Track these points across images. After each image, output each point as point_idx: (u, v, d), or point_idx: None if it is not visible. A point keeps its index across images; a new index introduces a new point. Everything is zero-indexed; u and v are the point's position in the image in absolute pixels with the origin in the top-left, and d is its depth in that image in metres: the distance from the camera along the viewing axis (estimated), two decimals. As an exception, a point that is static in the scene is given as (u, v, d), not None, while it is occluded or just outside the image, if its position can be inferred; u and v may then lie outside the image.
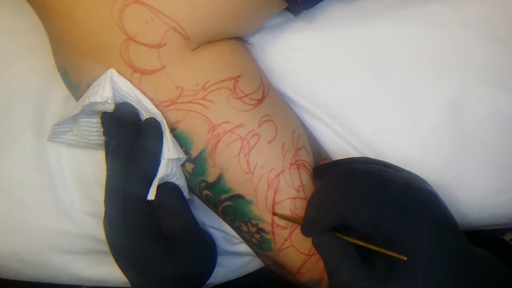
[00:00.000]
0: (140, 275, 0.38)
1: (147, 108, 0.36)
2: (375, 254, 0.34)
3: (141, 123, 0.37)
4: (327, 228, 0.34)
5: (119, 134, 0.36)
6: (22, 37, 0.47)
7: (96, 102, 0.35)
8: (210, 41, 0.37)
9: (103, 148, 0.39)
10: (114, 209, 0.36)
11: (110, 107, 0.36)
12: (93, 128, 0.40)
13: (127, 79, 0.36)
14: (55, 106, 0.46)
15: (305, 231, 0.36)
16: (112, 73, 0.35)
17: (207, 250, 0.41)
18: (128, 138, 0.37)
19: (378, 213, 0.33)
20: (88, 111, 0.37)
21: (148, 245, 0.36)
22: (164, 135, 0.36)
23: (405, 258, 0.32)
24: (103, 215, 0.38)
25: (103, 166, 0.39)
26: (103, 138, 0.40)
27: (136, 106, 0.37)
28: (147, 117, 0.37)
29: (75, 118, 0.39)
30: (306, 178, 0.39)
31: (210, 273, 0.41)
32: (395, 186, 0.34)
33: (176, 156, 0.37)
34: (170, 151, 0.36)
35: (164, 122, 0.36)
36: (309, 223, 0.36)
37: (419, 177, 0.37)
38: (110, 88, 0.35)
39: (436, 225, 0.33)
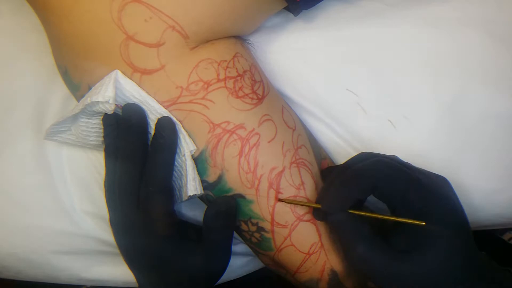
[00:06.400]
0: (157, 274, 0.38)
1: (154, 108, 0.36)
2: (392, 232, 0.36)
3: (155, 123, 0.37)
4: (347, 206, 0.35)
5: (129, 134, 0.36)
6: (22, 37, 0.47)
7: (97, 102, 0.35)
8: (209, 40, 0.37)
9: (103, 149, 0.39)
10: (129, 210, 0.36)
11: (110, 108, 0.36)
12: (92, 129, 0.40)
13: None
14: (55, 106, 0.46)
15: (318, 214, 0.37)
16: (117, 74, 0.35)
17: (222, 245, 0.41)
18: (139, 138, 0.37)
19: (406, 184, 0.35)
20: (88, 111, 0.37)
21: (170, 243, 0.37)
22: (179, 131, 0.37)
23: (423, 224, 0.33)
24: (108, 217, 0.38)
25: (103, 167, 0.39)
26: (102, 139, 0.40)
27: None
28: (154, 117, 0.37)
29: (74, 117, 0.39)
30: (306, 176, 0.39)
31: (225, 268, 0.41)
32: (418, 170, 0.37)
33: (194, 148, 0.37)
34: (188, 144, 0.37)
35: (174, 119, 0.37)
36: (327, 203, 0.36)
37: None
38: (113, 88, 0.35)
39: (456, 213, 0.36)
